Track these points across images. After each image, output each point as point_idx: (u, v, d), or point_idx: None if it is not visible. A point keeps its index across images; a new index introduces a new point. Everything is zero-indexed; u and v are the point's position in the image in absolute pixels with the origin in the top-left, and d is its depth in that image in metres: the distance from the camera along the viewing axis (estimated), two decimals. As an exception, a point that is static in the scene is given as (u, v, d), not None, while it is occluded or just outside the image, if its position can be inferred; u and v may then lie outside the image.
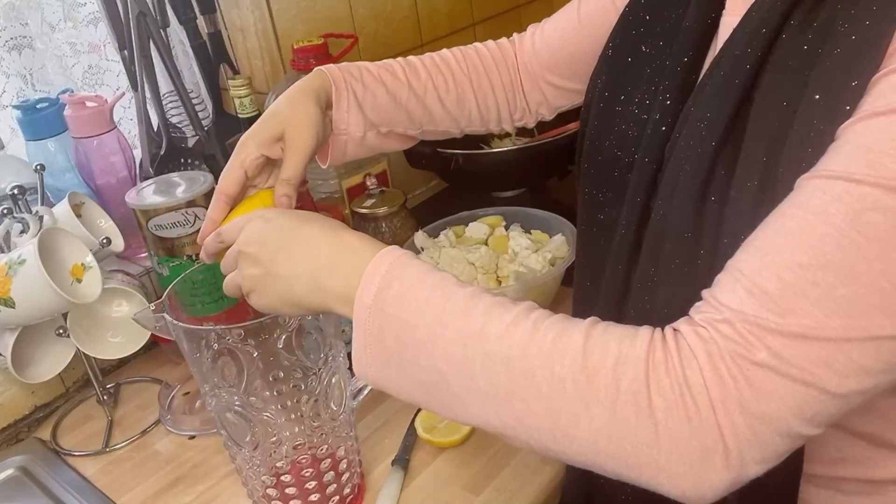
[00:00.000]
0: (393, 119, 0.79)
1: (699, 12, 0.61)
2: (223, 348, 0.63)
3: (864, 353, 0.43)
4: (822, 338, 0.43)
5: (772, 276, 0.44)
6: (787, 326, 0.43)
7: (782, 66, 0.52)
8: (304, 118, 0.69)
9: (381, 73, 0.78)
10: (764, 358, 0.43)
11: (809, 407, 0.44)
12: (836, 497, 0.62)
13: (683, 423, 0.44)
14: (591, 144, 0.70)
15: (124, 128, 1.09)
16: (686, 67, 0.60)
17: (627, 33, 0.68)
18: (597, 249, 0.69)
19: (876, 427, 0.58)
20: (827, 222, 0.43)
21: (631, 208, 0.62)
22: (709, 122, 0.55)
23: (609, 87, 0.69)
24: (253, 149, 0.68)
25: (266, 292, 0.58)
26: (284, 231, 0.58)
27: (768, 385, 0.43)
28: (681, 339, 0.46)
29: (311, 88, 0.72)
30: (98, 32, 1.09)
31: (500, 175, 1.26)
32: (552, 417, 0.47)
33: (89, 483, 0.85)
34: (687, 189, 0.56)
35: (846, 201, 0.43)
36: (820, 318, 0.43)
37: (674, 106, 0.60)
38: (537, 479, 0.76)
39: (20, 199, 0.86)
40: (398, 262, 0.53)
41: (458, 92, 0.82)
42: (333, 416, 0.71)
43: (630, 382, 0.45)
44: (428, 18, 1.35)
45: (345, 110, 0.74)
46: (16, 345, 0.84)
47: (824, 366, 0.43)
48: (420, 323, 0.50)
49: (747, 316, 0.44)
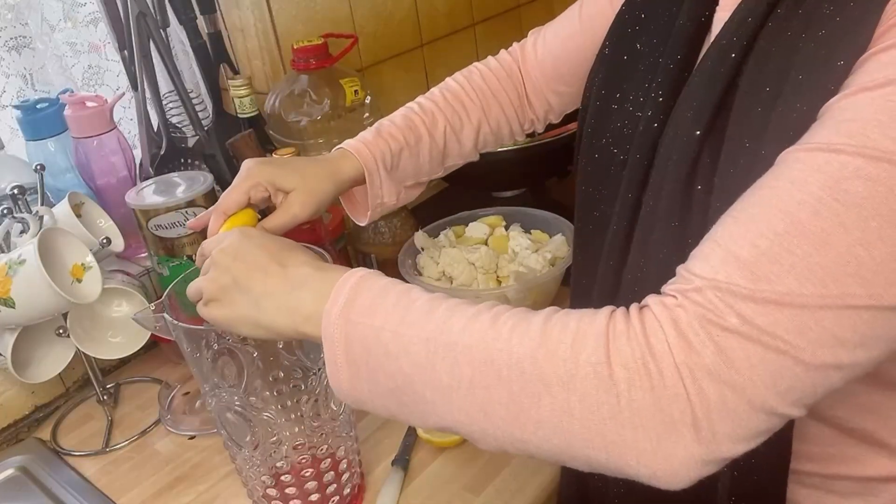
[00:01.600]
0: (419, 173, 0.82)
1: (692, 9, 0.61)
2: (223, 348, 0.63)
3: (839, 323, 0.41)
4: (795, 304, 0.41)
5: (746, 243, 0.43)
6: (759, 293, 0.42)
7: (766, 52, 0.52)
8: (315, 194, 0.72)
9: (405, 135, 0.80)
10: (734, 324, 0.42)
11: (783, 378, 0.42)
12: (826, 497, 0.62)
13: (647, 393, 0.43)
14: (588, 142, 0.70)
15: (124, 128, 1.09)
16: (679, 64, 0.60)
17: (623, 32, 0.68)
18: (592, 247, 0.69)
19: (867, 424, 0.58)
20: (805, 191, 0.42)
21: (623, 204, 0.62)
22: (694, 110, 0.55)
23: (605, 86, 0.69)
24: (265, 183, 0.70)
25: (229, 304, 0.57)
26: (263, 251, 0.58)
27: (739, 352, 0.42)
28: (646, 311, 0.45)
29: (339, 172, 0.75)
30: (98, 32, 1.09)
31: (500, 175, 1.26)
32: (515, 402, 0.46)
33: (89, 483, 0.85)
34: (674, 178, 0.56)
35: (826, 171, 0.42)
36: (793, 284, 0.41)
37: (666, 102, 0.60)
38: (537, 479, 0.76)
39: (20, 199, 0.86)
40: (366, 276, 0.54)
41: (473, 126, 0.84)
42: (333, 416, 0.71)
43: (589, 354, 0.44)
44: (428, 18, 1.35)
45: (378, 187, 0.78)
46: (16, 345, 0.84)
47: (797, 333, 0.41)
48: (385, 326, 0.50)
49: (718, 283, 0.43)
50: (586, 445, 0.45)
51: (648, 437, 0.43)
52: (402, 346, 0.49)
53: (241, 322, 0.57)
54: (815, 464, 0.61)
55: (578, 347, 0.44)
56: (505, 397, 0.46)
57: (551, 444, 0.46)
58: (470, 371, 0.47)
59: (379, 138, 0.78)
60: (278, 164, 0.72)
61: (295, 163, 0.74)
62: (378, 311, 0.51)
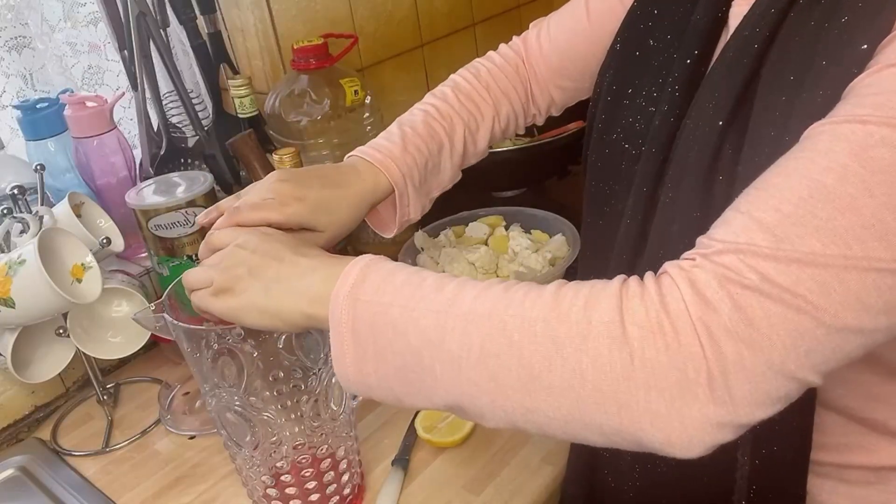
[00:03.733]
0: (442, 184, 0.81)
1: (708, 5, 0.61)
2: (223, 348, 0.63)
3: (863, 285, 0.41)
4: (818, 264, 0.41)
5: (770, 208, 0.43)
6: (781, 252, 0.41)
7: (790, 41, 0.52)
8: (346, 226, 0.69)
9: (429, 146, 0.77)
10: (754, 281, 0.41)
11: (803, 339, 0.41)
12: (839, 486, 0.62)
13: (661, 351, 0.42)
14: (598, 137, 0.70)
15: (124, 128, 1.09)
16: (696, 59, 0.61)
17: (635, 27, 0.69)
18: (602, 242, 0.69)
19: (878, 414, 0.59)
20: (830, 158, 0.42)
21: (637, 198, 0.62)
22: (716, 101, 0.55)
23: (617, 81, 0.69)
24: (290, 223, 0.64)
25: (241, 292, 0.56)
26: (281, 244, 0.58)
27: (758, 310, 0.41)
28: (663, 275, 0.45)
29: (370, 196, 0.71)
30: (98, 32, 1.09)
31: (500, 175, 1.26)
32: (525, 367, 0.45)
33: (89, 483, 0.85)
34: (696, 169, 0.56)
35: (851, 139, 0.42)
36: (817, 245, 0.41)
37: (682, 98, 0.60)
38: (537, 478, 0.76)
39: (20, 199, 0.86)
40: (376, 259, 0.54)
41: (486, 126, 0.83)
42: (333, 416, 0.71)
43: (602, 314, 0.43)
44: (428, 18, 1.35)
45: (406, 206, 0.76)
46: (16, 345, 0.84)
47: (820, 293, 0.41)
48: (394, 302, 0.50)
49: (739, 245, 0.42)
50: (598, 410, 0.43)
51: (662, 398, 0.42)
52: (411, 320, 0.49)
53: (247, 310, 0.56)
54: (828, 453, 0.61)
55: (591, 308, 0.44)
56: (515, 363, 0.45)
57: (562, 411, 0.45)
58: (480, 338, 0.47)
59: (406, 153, 0.75)
60: (309, 200, 0.66)
61: (324, 196, 0.67)
62: (387, 290, 0.51)
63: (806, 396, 0.56)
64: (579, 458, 0.73)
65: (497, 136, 0.85)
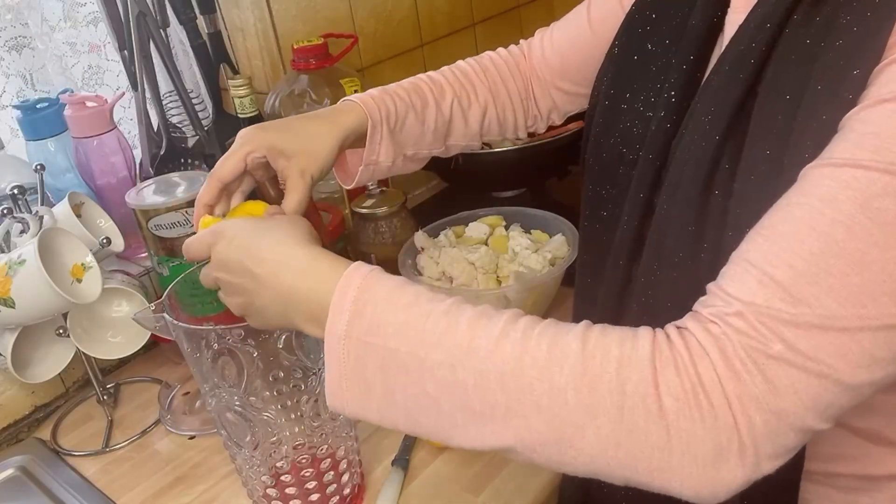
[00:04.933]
0: (420, 143, 0.80)
1: (705, 11, 0.61)
2: (223, 348, 0.63)
3: (876, 343, 0.42)
4: (836, 328, 0.42)
5: (782, 264, 0.43)
6: (801, 317, 0.42)
7: (785, 59, 0.52)
8: (318, 152, 0.68)
9: (411, 97, 0.77)
10: (780, 350, 0.43)
11: (823, 399, 0.43)
12: (832, 494, 0.62)
13: (697, 423, 0.43)
14: (595, 142, 0.70)
15: (124, 128, 1.09)
16: (692, 65, 0.61)
17: (633, 32, 0.68)
18: (599, 246, 0.69)
19: (874, 423, 0.58)
20: (836, 209, 0.43)
21: (633, 204, 0.62)
22: (713, 115, 0.55)
23: (615, 86, 0.69)
24: (261, 149, 0.67)
25: (254, 316, 0.58)
26: (246, 254, 0.57)
27: (784, 379, 0.43)
28: (689, 336, 0.45)
29: (341, 126, 0.71)
30: (98, 32, 1.09)
31: (500, 175, 1.26)
32: (555, 431, 0.45)
33: (89, 483, 0.85)
34: (691, 182, 0.56)
35: (855, 187, 0.43)
36: (834, 307, 0.42)
37: (679, 103, 0.60)
38: (537, 479, 0.76)
39: (20, 199, 0.86)
40: (366, 284, 0.51)
41: (480, 105, 0.83)
42: (333, 416, 0.71)
43: (636, 385, 0.44)
44: (428, 18, 1.35)
45: (377, 143, 0.75)
46: (16, 345, 0.84)
47: (839, 356, 0.42)
48: (401, 348, 0.48)
49: (759, 308, 0.43)
50: (630, 471, 0.45)
51: (696, 464, 0.43)
52: (424, 369, 0.48)
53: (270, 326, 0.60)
54: (822, 462, 0.61)
55: (624, 377, 0.44)
56: (544, 426, 0.45)
57: (590, 466, 0.46)
58: (505, 399, 0.46)
59: (386, 95, 0.75)
60: (276, 127, 0.69)
61: (293, 124, 0.70)
62: (389, 332, 0.49)
63: None
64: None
65: (493, 126, 0.85)
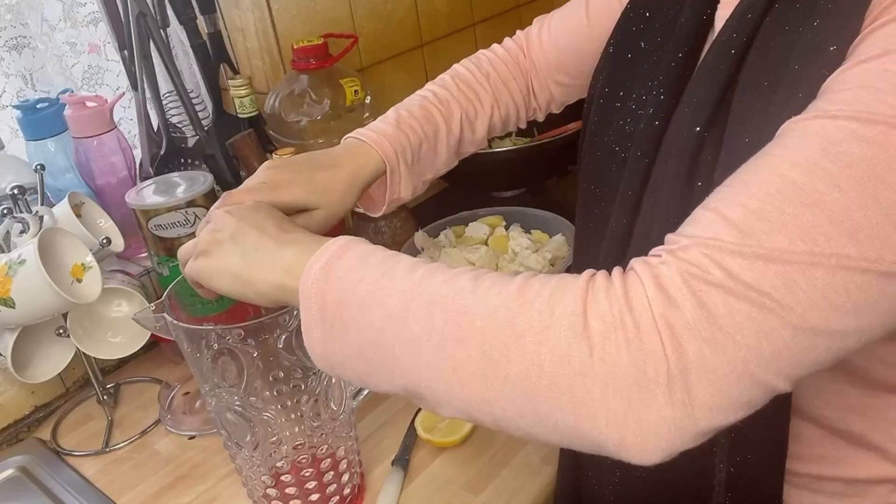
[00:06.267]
0: (436, 166, 0.82)
1: (694, 8, 0.61)
2: (223, 348, 0.63)
3: (831, 284, 0.39)
4: (784, 260, 0.39)
5: (736, 204, 0.42)
6: (746, 248, 0.40)
7: (765, 47, 0.52)
8: (342, 207, 0.70)
9: (423, 128, 0.78)
10: (719, 277, 0.40)
11: (768, 340, 0.40)
12: (815, 497, 0.62)
13: (622, 347, 0.40)
14: (590, 140, 0.70)
15: (124, 128, 1.09)
16: (681, 63, 0.61)
17: (628, 30, 0.69)
18: (592, 243, 0.69)
19: (855, 426, 0.58)
20: (800, 154, 0.42)
21: (623, 201, 0.62)
22: (695, 108, 0.55)
23: (609, 84, 0.69)
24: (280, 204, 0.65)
25: (219, 255, 0.57)
26: (268, 218, 0.59)
27: (722, 307, 0.40)
28: (629, 271, 0.44)
29: (364, 176, 0.72)
30: (98, 32, 1.10)
31: (500, 175, 1.26)
32: (484, 355, 0.44)
33: (89, 483, 0.85)
34: (673, 175, 0.56)
35: (822, 135, 0.42)
36: (783, 241, 0.40)
37: (668, 100, 0.60)
38: (537, 479, 0.76)
39: (20, 199, 0.86)
40: (356, 239, 0.53)
41: (485, 114, 0.83)
42: (333, 416, 0.71)
43: (565, 306, 0.42)
44: (428, 18, 1.35)
45: (397, 183, 0.77)
46: (16, 345, 0.84)
47: (786, 291, 0.39)
48: (363, 279, 0.49)
49: (704, 240, 0.42)
50: (554, 405, 0.42)
51: (619, 397, 0.40)
52: (377, 298, 0.49)
53: (220, 273, 0.57)
54: (804, 464, 0.61)
55: (555, 300, 0.43)
56: (475, 350, 0.45)
57: (517, 403, 0.44)
58: (442, 322, 0.46)
59: (399, 131, 0.76)
60: (301, 181, 0.67)
61: (316, 177, 0.69)
62: (360, 268, 0.50)
63: (781, 405, 0.56)
64: (570, 458, 0.73)
65: (497, 126, 0.85)
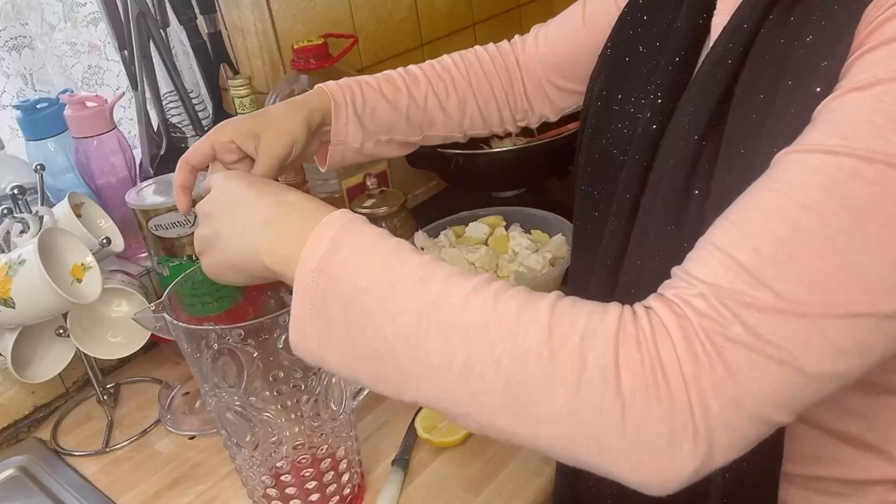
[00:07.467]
0: (393, 127, 0.81)
1: (690, 13, 0.61)
2: (223, 348, 0.63)
3: (841, 332, 0.41)
4: (799, 314, 0.41)
5: (748, 248, 0.42)
6: (763, 300, 0.41)
7: (760, 60, 0.52)
8: (284, 128, 0.72)
9: (380, 84, 0.80)
10: (739, 333, 0.41)
11: (784, 389, 0.42)
12: (813, 498, 0.62)
13: (653, 404, 0.41)
14: (588, 143, 0.70)
15: (124, 128, 1.09)
16: (677, 67, 0.61)
17: (625, 33, 0.69)
18: (590, 246, 0.69)
19: (853, 427, 0.58)
20: (805, 194, 0.42)
21: (620, 204, 0.62)
22: (692, 116, 0.56)
23: (607, 87, 0.69)
24: (228, 134, 0.70)
25: (211, 252, 0.57)
26: (234, 192, 0.58)
27: (743, 364, 0.41)
28: (653, 315, 0.44)
29: (306, 104, 0.75)
30: (98, 32, 1.10)
31: (500, 175, 1.26)
32: (511, 395, 0.44)
33: (89, 483, 0.85)
34: (671, 182, 0.56)
35: (824, 172, 0.42)
36: (797, 292, 0.41)
37: (665, 104, 0.60)
38: (537, 479, 0.76)
39: (20, 199, 0.86)
40: (349, 225, 0.50)
41: (459, 97, 0.84)
42: (333, 416, 0.71)
43: (598, 357, 0.42)
44: (428, 18, 1.35)
45: (343, 123, 0.77)
46: (16, 345, 0.84)
47: (800, 343, 0.41)
48: (370, 289, 0.47)
49: (721, 290, 0.42)
50: (581, 447, 0.43)
51: (648, 448, 0.42)
52: (388, 315, 0.47)
53: (223, 269, 0.57)
54: (802, 465, 0.61)
55: (587, 347, 0.43)
56: (501, 388, 0.44)
57: (542, 441, 0.44)
58: (465, 354, 0.45)
59: (352, 81, 0.79)
60: (246, 115, 0.73)
61: (261, 111, 0.74)
62: (363, 271, 0.48)
63: None
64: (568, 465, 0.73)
65: (476, 117, 0.86)
